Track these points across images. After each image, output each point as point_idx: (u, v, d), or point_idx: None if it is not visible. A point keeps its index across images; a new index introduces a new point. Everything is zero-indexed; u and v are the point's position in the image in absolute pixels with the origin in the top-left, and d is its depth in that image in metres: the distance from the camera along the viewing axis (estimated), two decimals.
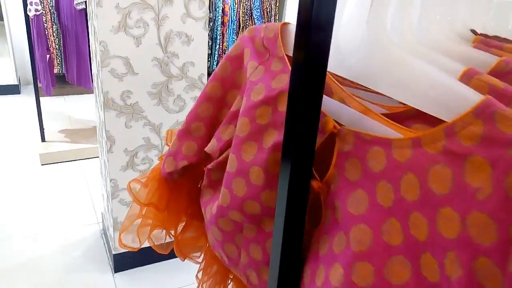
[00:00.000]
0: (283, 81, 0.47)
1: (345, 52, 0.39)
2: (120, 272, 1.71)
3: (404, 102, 0.36)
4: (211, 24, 3.38)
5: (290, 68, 0.46)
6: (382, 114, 0.39)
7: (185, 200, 0.69)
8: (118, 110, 1.47)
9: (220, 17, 3.40)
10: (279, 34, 0.49)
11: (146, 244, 0.72)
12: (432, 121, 0.34)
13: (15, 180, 2.39)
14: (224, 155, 0.53)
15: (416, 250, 0.32)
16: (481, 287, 0.27)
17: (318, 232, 0.41)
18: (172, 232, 0.72)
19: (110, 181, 1.57)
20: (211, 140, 0.56)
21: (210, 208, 0.55)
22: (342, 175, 0.38)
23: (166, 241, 0.75)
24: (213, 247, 0.60)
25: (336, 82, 0.44)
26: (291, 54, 0.48)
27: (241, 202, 0.47)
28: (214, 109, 0.56)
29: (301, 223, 0.41)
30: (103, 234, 1.94)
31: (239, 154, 0.48)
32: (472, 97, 0.30)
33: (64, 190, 2.32)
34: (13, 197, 2.21)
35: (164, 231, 0.72)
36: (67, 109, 3.44)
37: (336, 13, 0.32)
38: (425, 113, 0.38)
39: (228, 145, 0.53)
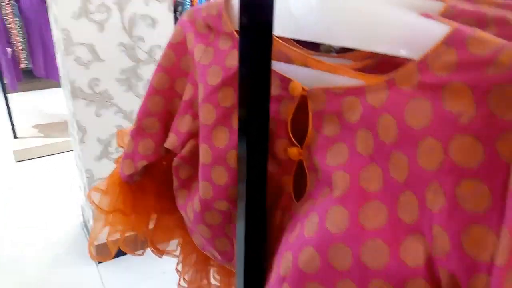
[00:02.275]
0: (237, 57, 0.44)
1: (298, 14, 0.39)
2: (104, 263, 1.70)
3: (369, 50, 0.35)
4: (180, 8, 3.31)
5: None
6: None
7: (151, 198, 0.66)
8: (87, 99, 1.44)
9: (189, 0, 3.33)
10: (223, 10, 0.47)
11: (127, 233, 0.70)
12: (394, 70, 0.33)
13: None
14: (187, 148, 0.51)
15: (394, 193, 0.32)
16: (465, 212, 0.28)
17: (304, 200, 0.41)
18: (144, 232, 0.69)
19: (86, 172, 1.55)
20: (169, 135, 0.53)
21: (191, 207, 0.52)
22: (321, 134, 0.38)
23: (140, 242, 0.72)
24: (202, 248, 0.58)
25: (294, 48, 0.43)
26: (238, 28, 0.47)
27: (225, 190, 0.46)
28: (165, 101, 0.53)
29: (263, 190, 0.41)
30: (84, 227, 1.92)
31: (211, 143, 0.46)
32: (439, 30, 0.30)
33: (41, 186, 2.27)
34: None
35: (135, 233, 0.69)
36: (38, 103, 3.36)
37: None
38: (385, 64, 0.38)
39: (189, 136, 0.51)
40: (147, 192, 0.66)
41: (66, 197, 2.16)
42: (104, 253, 0.73)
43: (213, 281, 0.74)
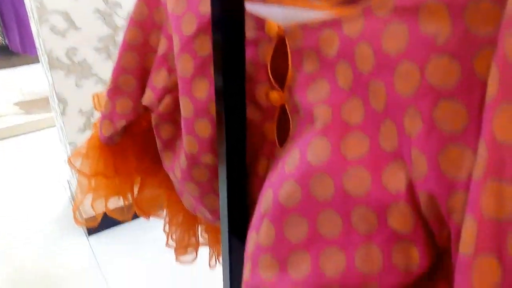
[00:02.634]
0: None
1: None
2: (94, 235, 1.70)
3: None
4: None
5: None
6: None
7: (133, 159, 0.65)
8: (66, 69, 1.40)
9: None
10: None
11: (116, 205, 0.69)
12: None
13: None
14: (163, 104, 0.50)
15: (375, 123, 0.31)
16: (441, 133, 0.27)
17: (287, 143, 0.40)
18: (129, 195, 0.69)
19: (69, 145, 1.52)
20: (146, 91, 0.52)
21: (178, 166, 0.52)
22: (301, 72, 0.37)
23: (126, 206, 0.71)
24: (193, 209, 0.58)
25: None
26: None
27: (210, 143, 0.45)
28: (139, 57, 0.52)
29: (242, 151, 0.40)
30: (72, 200, 1.91)
31: (191, 95, 0.45)
32: None
33: (25, 164, 2.24)
34: None
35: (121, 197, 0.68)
36: (17, 80, 3.27)
37: None
38: None
39: (165, 92, 0.49)
40: (128, 153, 0.65)
41: (52, 173, 2.14)
42: (91, 220, 0.72)
43: (201, 240, 0.75)
